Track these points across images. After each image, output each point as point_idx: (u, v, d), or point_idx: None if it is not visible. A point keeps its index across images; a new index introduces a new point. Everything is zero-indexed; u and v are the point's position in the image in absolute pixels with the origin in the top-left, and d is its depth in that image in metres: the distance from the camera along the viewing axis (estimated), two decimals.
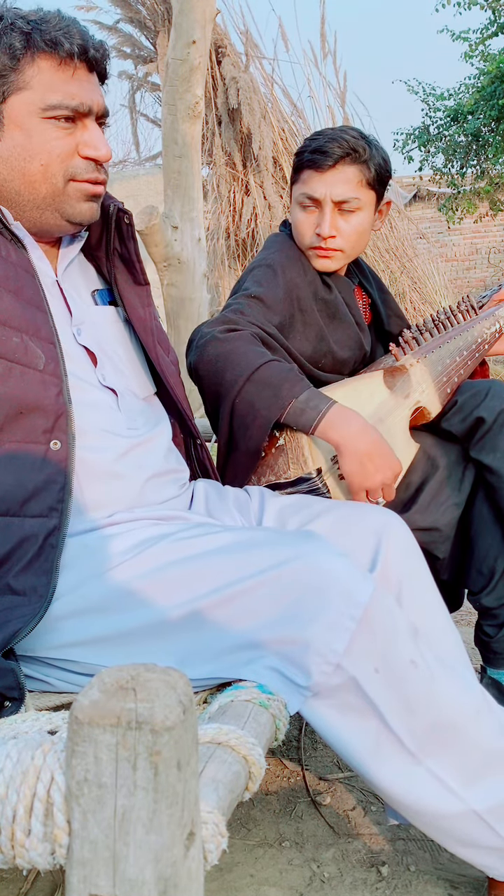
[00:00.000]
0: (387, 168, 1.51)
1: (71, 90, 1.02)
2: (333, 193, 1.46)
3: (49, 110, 1.02)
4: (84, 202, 1.07)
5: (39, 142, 1.03)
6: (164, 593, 0.94)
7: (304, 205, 1.50)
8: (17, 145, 1.03)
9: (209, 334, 1.35)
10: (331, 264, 1.54)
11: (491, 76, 8.83)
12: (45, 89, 1.01)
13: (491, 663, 1.50)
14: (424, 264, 7.19)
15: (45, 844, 0.56)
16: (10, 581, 0.95)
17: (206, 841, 0.61)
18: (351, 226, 1.50)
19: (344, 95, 6.87)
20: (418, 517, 1.44)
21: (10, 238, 1.05)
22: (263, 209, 6.34)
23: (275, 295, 1.46)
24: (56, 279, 1.12)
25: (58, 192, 1.05)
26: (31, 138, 1.02)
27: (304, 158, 1.48)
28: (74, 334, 1.09)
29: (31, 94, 1.01)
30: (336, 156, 1.44)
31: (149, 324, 1.21)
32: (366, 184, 1.48)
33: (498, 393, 1.46)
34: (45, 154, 1.03)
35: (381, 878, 1.20)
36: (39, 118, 1.02)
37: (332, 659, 0.87)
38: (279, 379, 1.27)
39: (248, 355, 1.29)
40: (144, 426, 1.14)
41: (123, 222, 1.17)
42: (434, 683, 0.92)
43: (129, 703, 0.53)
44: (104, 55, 1.07)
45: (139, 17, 5.85)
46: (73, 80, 1.03)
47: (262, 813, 1.39)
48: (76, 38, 1.02)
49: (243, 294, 1.46)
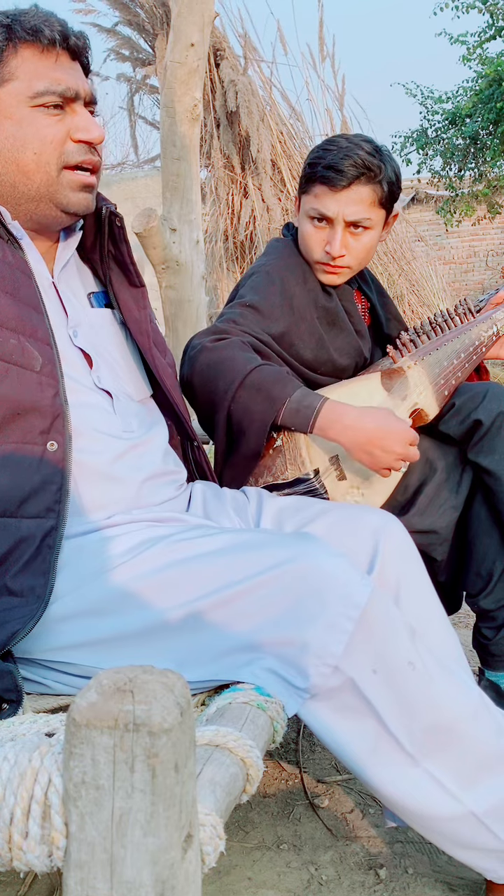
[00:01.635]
0: (398, 184, 1.50)
1: (56, 76, 1.04)
2: (346, 213, 1.45)
3: (37, 97, 1.03)
4: (78, 192, 1.08)
5: (31, 130, 1.03)
6: (161, 595, 0.94)
7: (315, 219, 1.49)
8: (9, 136, 1.03)
9: (199, 345, 1.35)
10: (337, 280, 1.54)
11: (489, 79, 8.85)
12: (31, 77, 1.03)
13: (489, 665, 1.50)
14: (422, 267, 7.19)
15: (43, 847, 0.56)
16: (8, 582, 0.95)
17: (204, 843, 0.61)
18: (361, 244, 1.49)
19: (342, 98, 6.87)
20: (416, 519, 1.44)
21: (8, 239, 1.05)
22: (262, 212, 6.34)
23: (270, 303, 1.46)
24: (52, 280, 1.12)
25: (52, 181, 1.06)
26: (22, 127, 1.03)
27: (317, 173, 1.46)
28: (71, 336, 1.10)
29: (17, 84, 1.03)
30: (351, 176, 1.42)
31: (144, 326, 1.21)
32: (378, 203, 1.47)
33: (495, 395, 1.46)
34: (37, 142, 1.04)
35: (379, 880, 1.20)
36: (28, 107, 1.03)
37: (329, 661, 0.87)
38: (270, 382, 1.28)
39: (238, 362, 1.29)
40: (140, 428, 1.14)
41: (115, 225, 1.17)
42: (432, 685, 0.92)
43: (126, 705, 0.53)
44: (85, 44, 1.09)
45: (138, 19, 5.86)
46: (57, 66, 1.04)
47: (259, 815, 1.39)
48: (56, 27, 1.04)
49: (238, 303, 1.46)
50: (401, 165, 10.86)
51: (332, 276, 1.53)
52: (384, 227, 1.54)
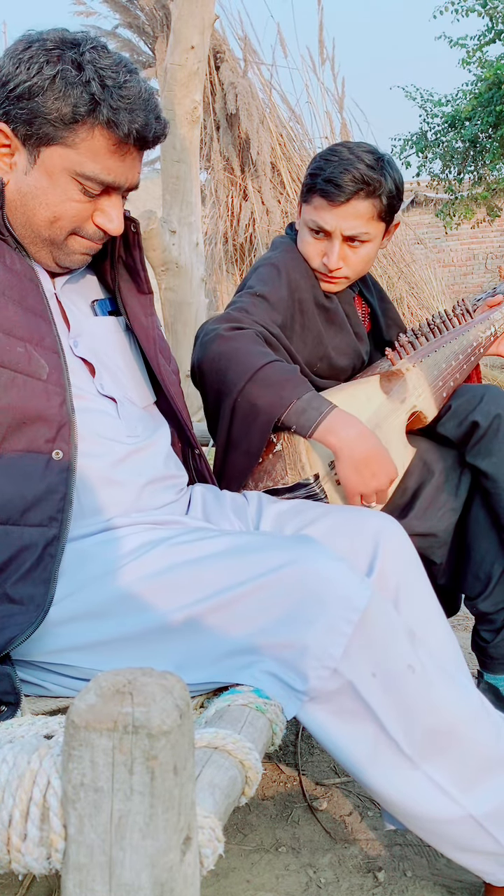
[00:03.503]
0: (399, 196, 1.49)
1: (111, 166, 1.02)
2: (344, 227, 1.45)
3: (82, 177, 1.02)
4: (79, 255, 1.09)
5: (59, 198, 1.03)
6: (160, 598, 0.94)
7: (313, 231, 1.49)
8: (39, 188, 1.02)
9: (214, 331, 1.35)
10: (335, 288, 1.55)
11: (488, 82, 8.86)
12: (89, 157, 1.01)
13: (488, 668, 1.50)
14: (422, 269, 7.20)
15: (41, 849, 0.56)
16: (8, 590, 0.95)
17: (203, 846, 0.61)
18: (358, 256, 1.50)
19: (342, 101, 6.88)
20: (415, 522, 1.44)
21: (15, 247, 1.05)
22: (261, 214, 6.35)
23: (278, 294, 1.46)
24: (55, 292, 1.12)
25: (58, 242, 1.06)
26: (54, 190, 1.02)
27: (316, 185, 1.46)
28: (71, 346, 1.09)
29: (73, 153, 1.01)
30: (349, 191, 1.42)
31: (151, 333, 1.21)
32: (376, 217, 1.47)
33: (493, 398, 1.46)
34: (59, 210, 1.03)
35: (378, 883, 1.20)
36: (70, 177, 1.02)
37: (329, 663, 0.87)
38: (282, 379, 1.28)
39: (252, 355, 1.29)
40: (144, 432, 1.14)
41: (130, 230, 1.16)
42: (431, 688, 0.92)
43: (125, 707, 0.53)
44: (163, 137, 1.06)
45: (138, 22, 5.86)
46: (118, 158, 1.02)
47: (258, 818, 1.39)
48: (137, 123, 1.00)
49: (248, 292, 1.46)
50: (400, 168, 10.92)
51: (330, 285, 1.54)
52: (385, 236, 1.54)
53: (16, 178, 1.03)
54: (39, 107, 0.99)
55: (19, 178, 1.03)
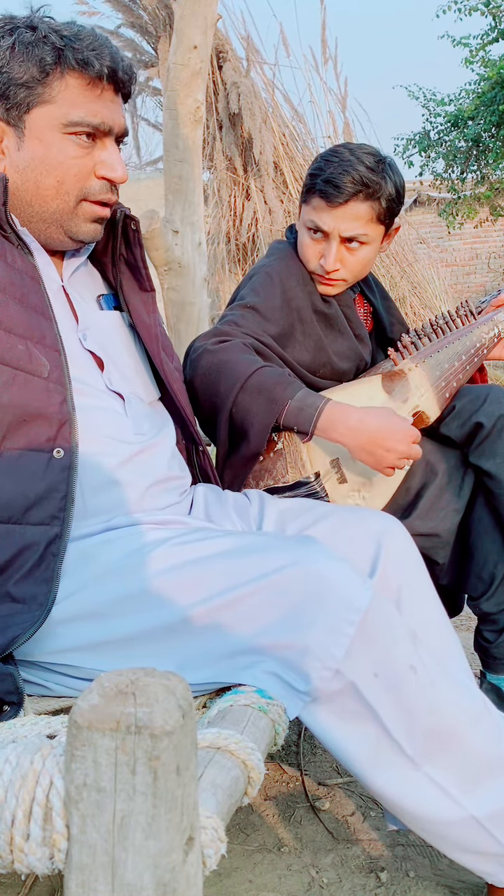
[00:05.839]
0: (399, 199, 1.49)
1: (94, 108, 1.03)
2: (342, 229, 1.45)
3: (71, 126, 1.03)
4: (91, 223, 1.09)
5: (58, 157, 1.03)
6: (163, 598, 0.94)
7: (311, 230, 1.49)
8: (36, 157, 1.03)
9: (201, 348, 1.35)
10: (333, 291, 1.55)
11: (491, 82, 8.85)
12: (70, 105, 1.02)
13: (490, 669, 1.50)
14: (424, 269, 7.19)
15: (44, 849, 0.56)
16: (10, 589, 0.95)
17: (205, 846, 0.61)
18: (356, 258, 1.49)
19: (345, 100, 6.87)
20: (418, 523, 1.44)
21: (18, 244, 1.05)
22: (264, 214, 6.34)
23: (272, 304, 1.46)
24: (62, 284, 1.12)
25: (67, 210, 1.06)
26: (50, 152, 1.03)
27: (315, 185, 1.45)
28: (80, 339, 1.10)
29: (54, 108, 1.02)
30: (348, 193, 1.42)
31: (154, 330, 1.21)
32: (375, 219, 1.46)
33: (496, 398, 1.46)
34: (61, 170, 1.04)
35: (380, 883, 1.20)
36: (60, 133, 1.03)
37: (331, 664, 0.87)
38: (272, 383, 1.28)
39: (240, 364, 1.30)
40: (151, 430, 1.14)
41: (130, 228, 1.17)
42: (433, 689, 0.92)
43: (128, 707, 0.53)
44: (132, 77, 1.08)
45: (140, 21, 5.86)
46: (98, 99, 1.04)
47: (260, 818, 1.39)
48: (106, 60, 1.02)
49: (239, 304, 1.46)
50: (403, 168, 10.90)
51: (328, 288, 1.54)
52: (384, 239, 1.53)
53: (11, 160, 1.04)
54: (8, 77, 1.01)
55: (15, 157, 1.04)
